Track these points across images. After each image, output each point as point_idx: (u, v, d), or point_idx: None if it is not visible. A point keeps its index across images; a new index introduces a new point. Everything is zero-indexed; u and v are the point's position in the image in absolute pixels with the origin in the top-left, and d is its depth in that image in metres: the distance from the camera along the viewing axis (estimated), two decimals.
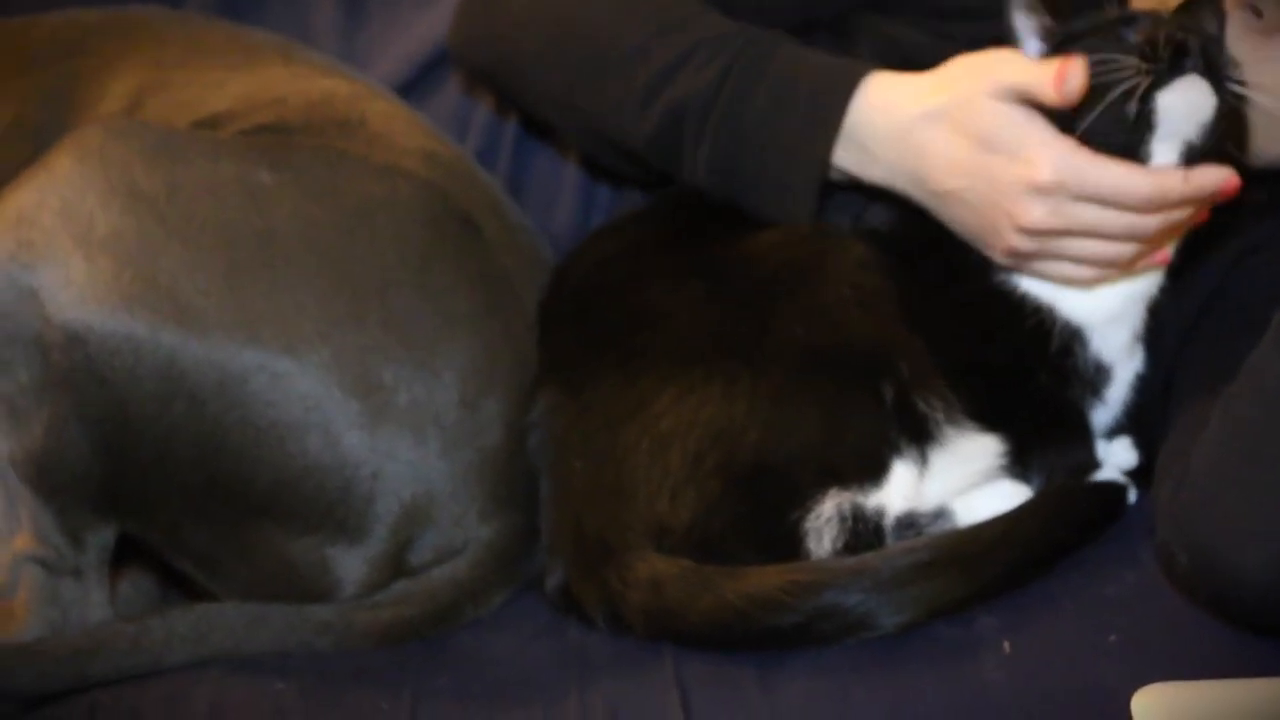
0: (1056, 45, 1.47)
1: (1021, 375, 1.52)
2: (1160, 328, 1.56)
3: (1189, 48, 1.40)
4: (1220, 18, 1.50)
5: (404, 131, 1.61)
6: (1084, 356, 1.52)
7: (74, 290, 1.42)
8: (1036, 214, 1.43)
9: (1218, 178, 1.42)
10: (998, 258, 1.48)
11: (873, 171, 1.50)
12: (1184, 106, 1.41)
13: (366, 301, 1.46)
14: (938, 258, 1.51)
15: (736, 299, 1.49)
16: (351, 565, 1.47)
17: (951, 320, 1.51)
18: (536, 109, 1.65)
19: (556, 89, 1.60)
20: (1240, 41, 1.49)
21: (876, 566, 1.37)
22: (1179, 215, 1.44)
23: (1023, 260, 1.47)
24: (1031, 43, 1.48)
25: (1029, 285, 1.50)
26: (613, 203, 1.78)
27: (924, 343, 1.49)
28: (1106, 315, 1.52)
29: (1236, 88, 1.42)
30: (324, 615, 1.46)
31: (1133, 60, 1.41)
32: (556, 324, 1.55)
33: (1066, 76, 1.41)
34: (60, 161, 1.46)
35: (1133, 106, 1.40)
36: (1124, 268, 1.48)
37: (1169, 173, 1.41)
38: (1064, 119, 1.42)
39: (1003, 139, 1.43)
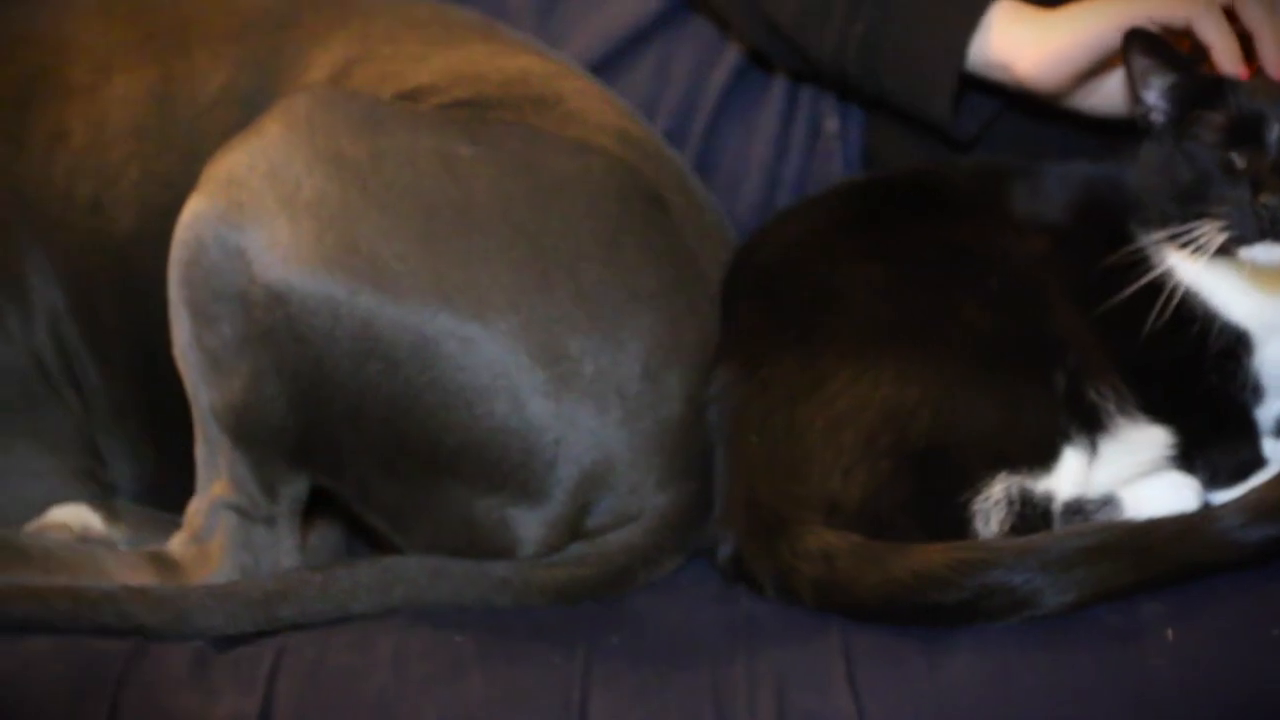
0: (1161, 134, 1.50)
1: (1188, 373, 1.53)
2: None
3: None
4: None
5: (597, 109, 1.64)
6: (1248, 363, 1.52)
7: (278, 251, 1.46)
8: None
9: None
10: None
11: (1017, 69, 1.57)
12: (1263, 259, 1.44)
13: (556, 274, 1.49)
14: (1108, 252, 1.52)
15: (914, 284, 1.51)
16: (531, 526, 1.50)
17: (1121, 315, 1.51)
18: None
19: None
20: None
21: (1044, 547, 1.38)
22: None
23: None
24: (1152, 93, 1.51)
25: (1186, 285, 1.51)
26: (798, 184, 1.80)
27: (1096, 336, 1.51)
28: (1267, 321, 1.52)
29: None
30: (503, 572, 1.49)
31: (1216, 224, 1.43)
32: (739, 302, 1.57)
33: None
34: (270, 127, 1.50)
35: None
36: None
37: None
38: None
39: None
